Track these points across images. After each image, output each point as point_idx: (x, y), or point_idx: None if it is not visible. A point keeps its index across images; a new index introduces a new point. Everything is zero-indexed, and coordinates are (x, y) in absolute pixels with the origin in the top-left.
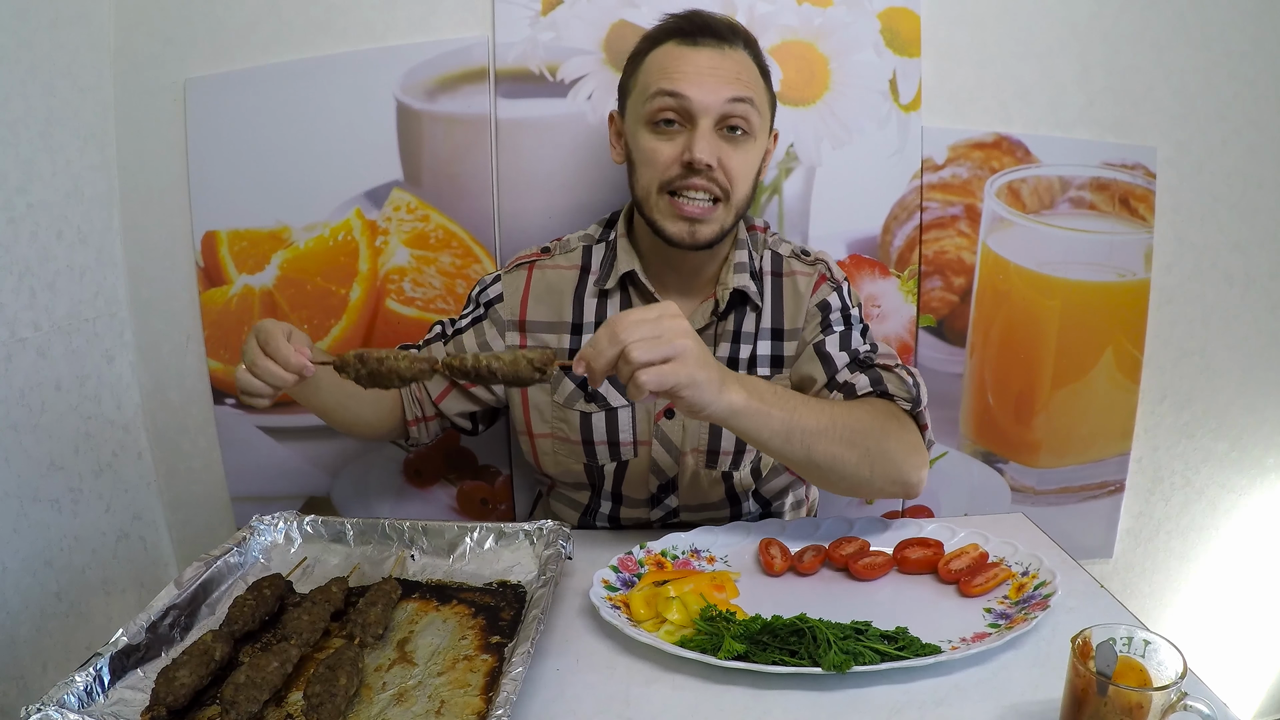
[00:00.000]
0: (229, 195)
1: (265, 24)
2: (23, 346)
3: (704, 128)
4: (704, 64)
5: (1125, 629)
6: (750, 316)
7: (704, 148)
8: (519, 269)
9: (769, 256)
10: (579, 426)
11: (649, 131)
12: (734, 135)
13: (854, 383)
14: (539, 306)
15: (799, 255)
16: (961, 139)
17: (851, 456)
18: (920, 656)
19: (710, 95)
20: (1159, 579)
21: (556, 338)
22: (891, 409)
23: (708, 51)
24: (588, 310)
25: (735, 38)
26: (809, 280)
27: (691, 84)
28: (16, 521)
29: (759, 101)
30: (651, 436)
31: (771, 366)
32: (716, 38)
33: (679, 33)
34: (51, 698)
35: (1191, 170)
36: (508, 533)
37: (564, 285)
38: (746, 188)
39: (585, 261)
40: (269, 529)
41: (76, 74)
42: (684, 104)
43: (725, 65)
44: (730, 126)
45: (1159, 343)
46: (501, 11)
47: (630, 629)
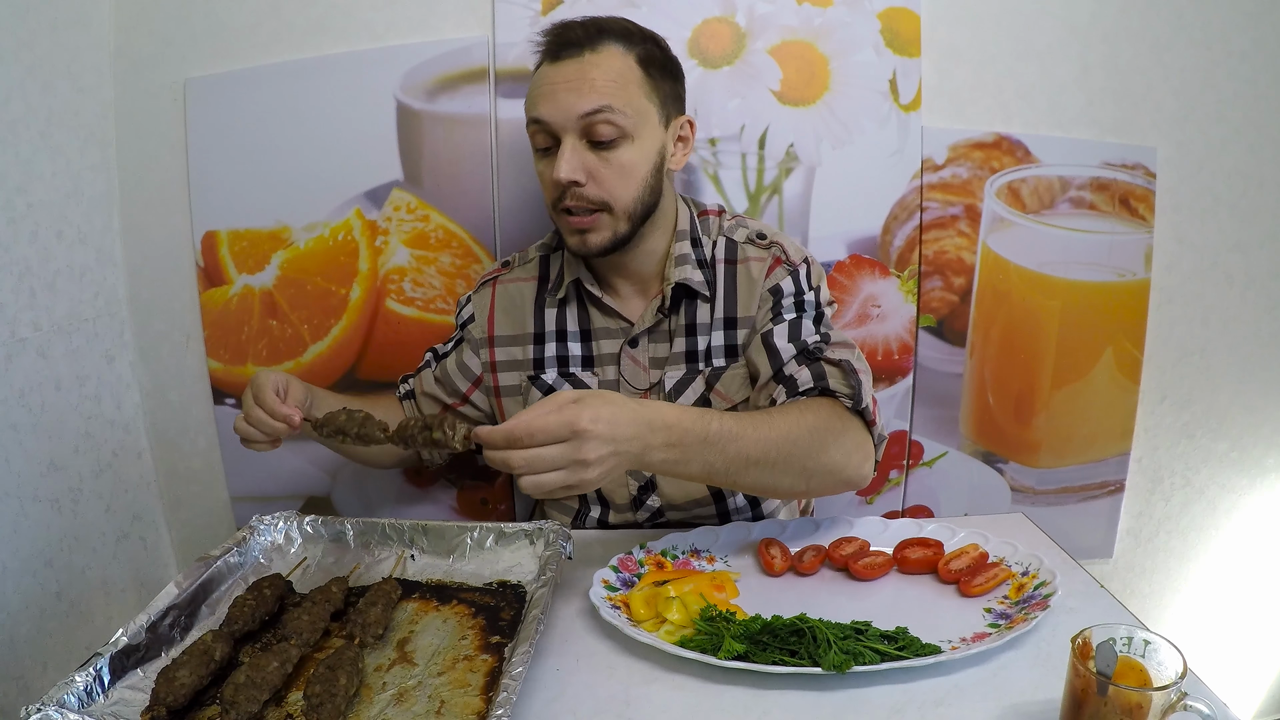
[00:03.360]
0: (229, 195)
1: (265, 24)
2: (23, 346)
3: (566, 146)
4: (559, 80)
5: (1125, 629)
6: (703, 308)
7: (565, 168)
8: (484, 287)
9: (723, 244)
10: None
11: (536, 158)
12: (603, 145)
13: (796, 377)
14: (504, 320)
15: (754, 240)
16: (961, 139)
17: (784, 480)
18: (920, 656)
19: (562, 113)
20: (1159, 579)
21: (522, 349)
22: (833, 408)
23: (567, 65)
24: (548, 320)
25: (601, 37)
26: (762, 265)
27: (547, 105)
28: (16, 521)
29: (629, 100)
30: None
31: (726, 356)
32: (576, 46)
33: (546, 52)
34: (51, 698)
35: (1191, 170)
36: (508, 533)
37: (524, 297)
38: (633, 190)
39: (543, 271)
40: (269, 529)
41: (76, 74)
42: (546, 126)
43: (584, 75)
44: (593, 140)
45: (1159, 343)
46: (501, 11)
47: (630, 629)
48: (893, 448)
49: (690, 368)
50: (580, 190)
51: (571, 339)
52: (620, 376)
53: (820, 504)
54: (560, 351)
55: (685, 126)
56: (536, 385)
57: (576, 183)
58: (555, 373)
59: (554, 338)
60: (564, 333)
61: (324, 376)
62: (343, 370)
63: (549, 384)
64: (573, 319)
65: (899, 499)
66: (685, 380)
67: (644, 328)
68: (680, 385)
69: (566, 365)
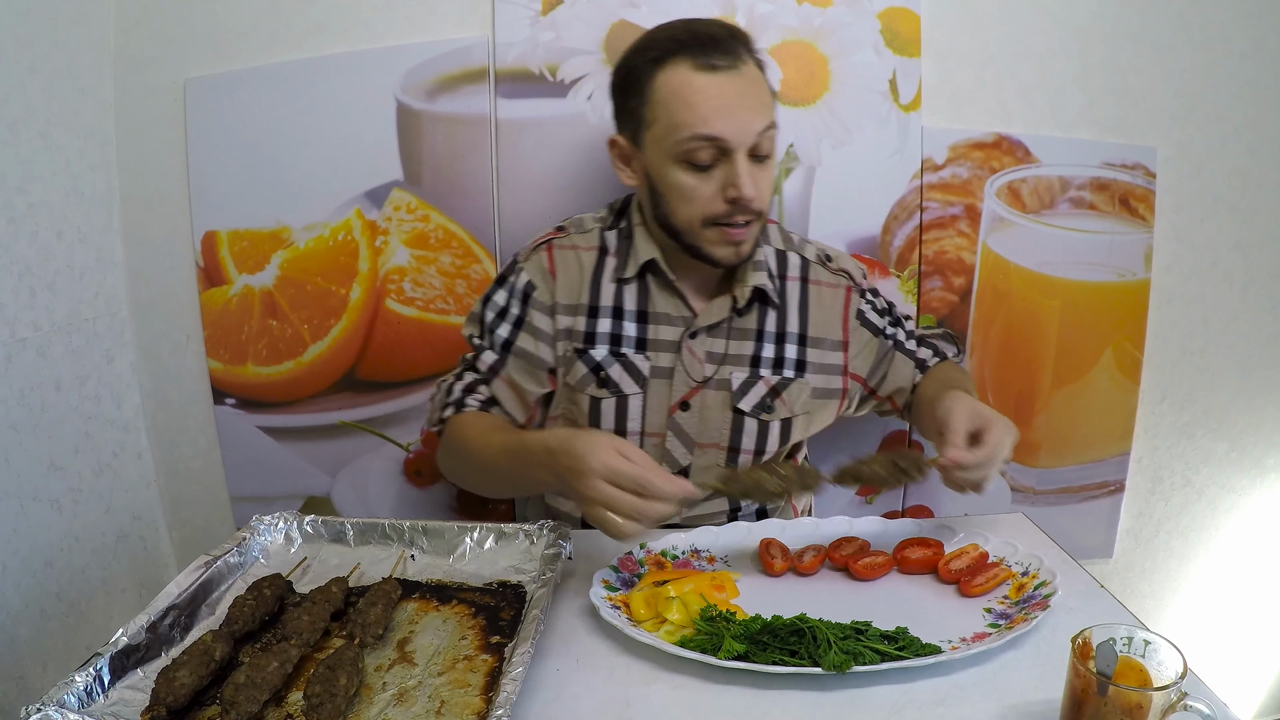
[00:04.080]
0: (229, 195)
1: (265, 24)
2: (23, 346)
3: (743, 164)
4: (731, 95)
5: (1125, 629)
6: (771, 316)
7: (748, 185)
8: (537, 251)
9: (797, 261)
10: (587, 412)
11: (681, 170)
12: (758, 159)
13: (927, 359)
14: (562, 286)
15: (822, 262)
16: (961, 139)
17: None
18: (920, 656)
19: (744, 133)
20: (1159, 579)
21: (573, 319)
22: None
23: (728, 78)
24: (604, 294)
25: (742, 49)
26: (835, 293)
27: (724, 123)
28: (16, 521)
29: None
30: (665, 429)
31: (796, 370)
32: (729, 55)
33: (688, 53)
34: (51, 698)
35: (1191, 170)
36: (508, 533)
37: (584, 265)
38: (769, 198)
39: (602, 243)
40: (269, 529)
41: (76, 74)
42: (721, 143)
43: (749, 91)
44: (757, 155)
45: (1159, 343)
46: (501, 11)
47: (630, 629)
48: (893, 448)
49: (753, 372)
50: (748, 203)
51: (628, 318)
52: (680, 365)
53: (820, 504)
54: (615, 329)
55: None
56: (583, 359)
57: (752, 197)
58: (606, 350)
59: (609, 313)
60: (620, 310)
61: (324, 376)
62: (343, 370)
63: (597, 360)
64: (632, 298)
65: (899, 499)
66: (749, 382)
67: (709, 322)
68: (745, 385)
69: (619, 344)
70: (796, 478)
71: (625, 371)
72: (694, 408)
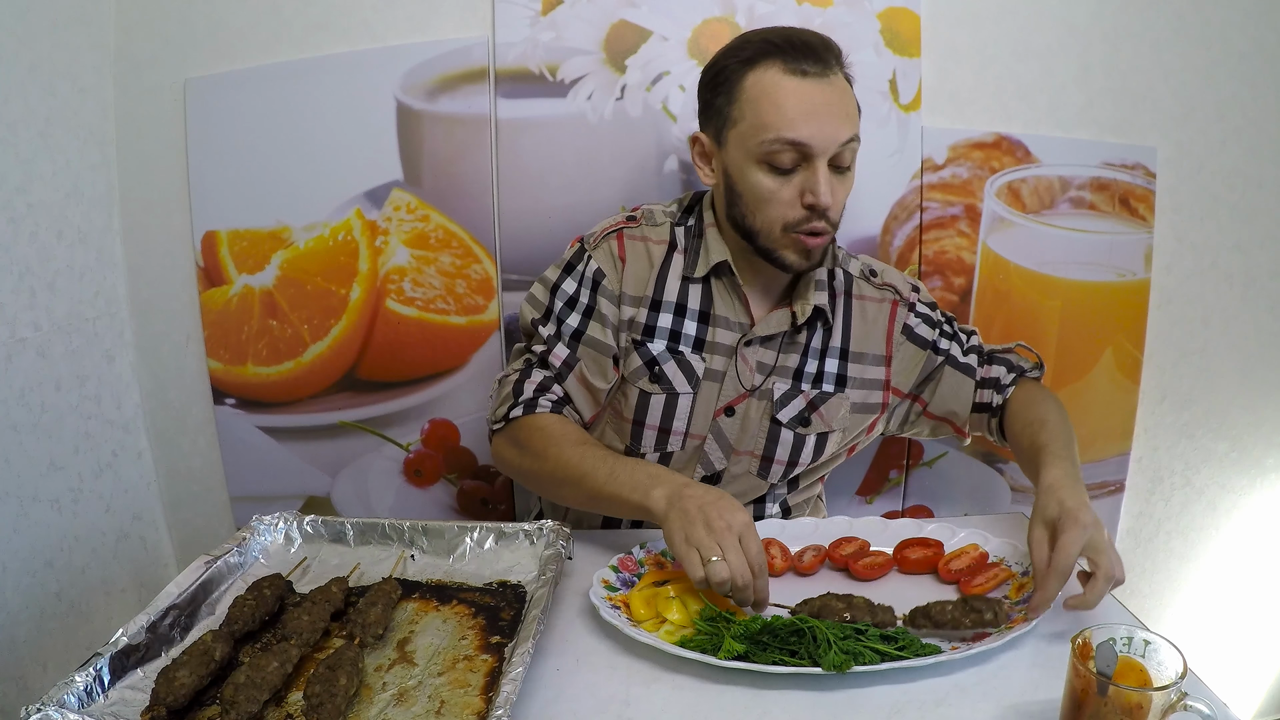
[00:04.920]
0: (229, 195)
1: (265, 24)
2: (23, 346)
3: (822, 170)
4: (820, 102)
5: (1125, 629)
6: (821, 333)
7: (827, 193)
8: (608, 239)
9: (841, 276)
10: (635, 405)
11: (762, 171)
12: (838, 169)
13: (1000, 377)
14: (630, 276)
15: (867, 277)
16: (961, 139)
17: None
18: (920, 656)
19: (829, 141)
20: (1159, 579)
21: (636, 310)
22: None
23: (817, 85)
24: (669, 290)
25: (834, 60)
26: (880, 307)
27: (810, 129)
28: (16, 521)
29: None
30: (707, 431)
31: (835, 384)
32: (820, 64)
33: (781, 57)
34: (51, 698)
35: (1191, 170)
36: (508, 533)
37: (653, 257)
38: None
39: (673, 238)
40: (269, 529)
41: (76, 74)
42: (805, 149)
43: (837, 101)
44: (838, 166)
45: (1159, 343)
46: (501, 11)
47: (630, 629)
48: (893, 448)
49: (794, 385)
50: (827, 212)
51: (690, 317)
52: (735, 370)
53: None
54: (675, 326)
55: None
56: (639, 352)
57: (829, 206)
58: (663, 345)
59: (671, 309)
60: (684, 308)
61: (324, 376)
62: (343, 370)
63: (653, 354)
64: (696, 298)
65: (899, 499)
66: (789, 394)
67: (765, 333)
68: (785, 398)
69: (676, 341)
70: (868, 612)
71: (679, 370)
72: (738, 414)
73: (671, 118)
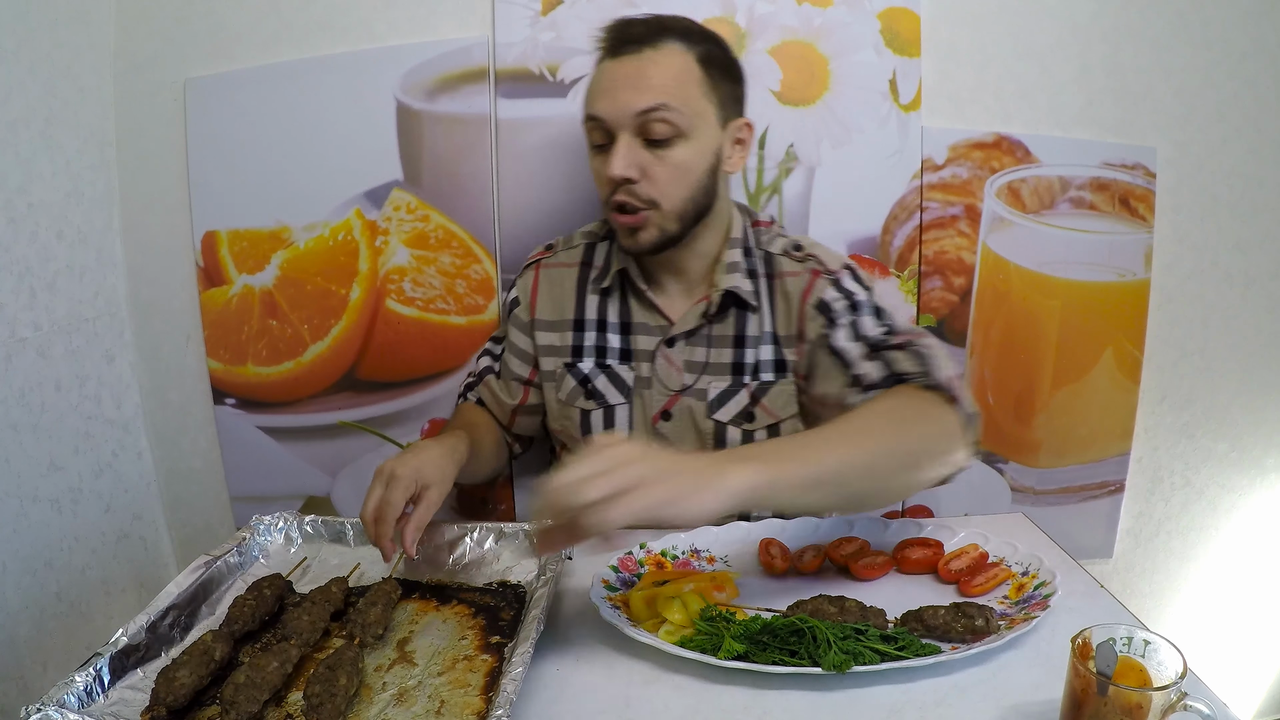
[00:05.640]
0: (229, 195)
1: (265, 24)
2: (23, 346)
3: (621, 143)
4: (618, 76)
5: (1125, 629)
6: (753, 320)
7: (619, 164)
8: (528, 270)
9: (761, 258)
10: (579, 424)
11: (591, 154)
12: (658, 143)
13: (868, 374)
14: (545, 304)
15: (790, 253)
16: (961, 139)
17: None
18: (920, 656)
19: (619, 110)
20: (1159, 579)
21: (560, 335)
22: (911, 395)
23: (627, 61)
24: (588, 307)
25: (662, 35)
26: (799, 281)
27: (603, 101)
28: (16, 521)
29: (687, 99)
30: (650, 437)
31: (775, 371)
32: (637, 43)
33: (607, 48)
34: (51, 698)
35: (1191, 170)
36: (508, 533)
37: (566, 281)
38: (685, 189)
39: (587, 257)
40: (269, 529)
41: (76, 74)
42: (603, 123)
43: (643, 72)
44: (649, 138)
45: (1159, 343)
46: (501, 11)
47: (630, 629)
48: None
49: (735, 380)
50: (632, 187)
51: (611, 330)
52: (654, 374)
53: None
54: (599, 342)
55: (744, 129)
56: (572, 373)
57: (629, 179)
58: (592, 362)
59: (594, 326)
60: (604, 323)
61: (324, 376)
62: (343, 370)
63: (584, 372)
64: (614, 310)
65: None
66: (729, 392)
67: (684, 329)
68: (724, 396)
69: (604, 356)
70: (859, 615)
71: (610, 382)
72: (675, 417)
73: None
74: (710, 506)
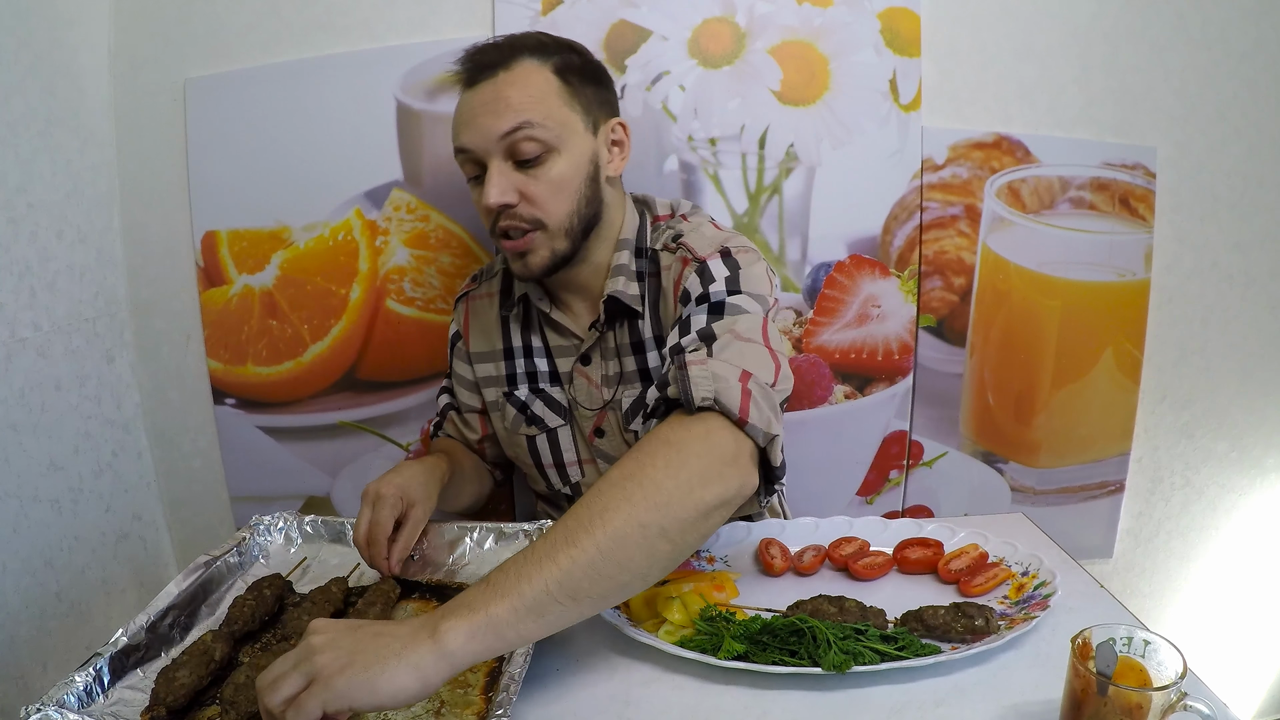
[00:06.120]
0: (229, 195)
1: (265, 24)
2: (23, 346)
3: (493, 170)
4: (476, 104)
5: (1125, 629)
6: (639, 324)
7: (494, 192)
8: (460, 303)
9: (650, 255)
10: (528, 450)
11: (470, 187)
12: (529, 163)
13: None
14: (477, 337)
15: (668, 245)
16: (961, 139)
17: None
18: (920, 656)
19: (482, 137)
20: (1159, 579)
21: (495, 365)
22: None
23: (484, 89)
24: (512, 335)
25: (514, 55)
26: (670, 274)
27: (467, 132)
28: (16, 521)
29: (549, 113)
30: (593, 455)
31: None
32: (490, 68)
33: (464, 81)
34: (51, 698)
35: (1191, 170)
36: (508, 533)
37: (490, 312)
38: (566, 204)
39: (505, 284)
40: (269, 529)
41: (76, 74)
42: (471, 154)
43: (499, 95)
44: (519, 160)
45: (1159, 343)
46: (501, 11)
47: (630, 629)
48: (893, 448)
49: (645, 387)
50: (514, 211)
51: (537, 355)
52: (572, 394)
53: (820, 504)
54: (529, 368)
55: (618, 129)
56: (510, 401)
57: (508, 205)
58: (527, 389)
59: (521, 354)
60: (529, 348)
61: (324, 376)
62: (343, 370)
63: (521, 399)
64: (535, 335)
65: (899, 499)
66: (638, 402)
67: (589, 345)
68: (636, 406)
69: (536, 381)
70: (859, 615)
71: (547, 406)
72: (607, 433)
73: (671, 117)
74: (415, 681)
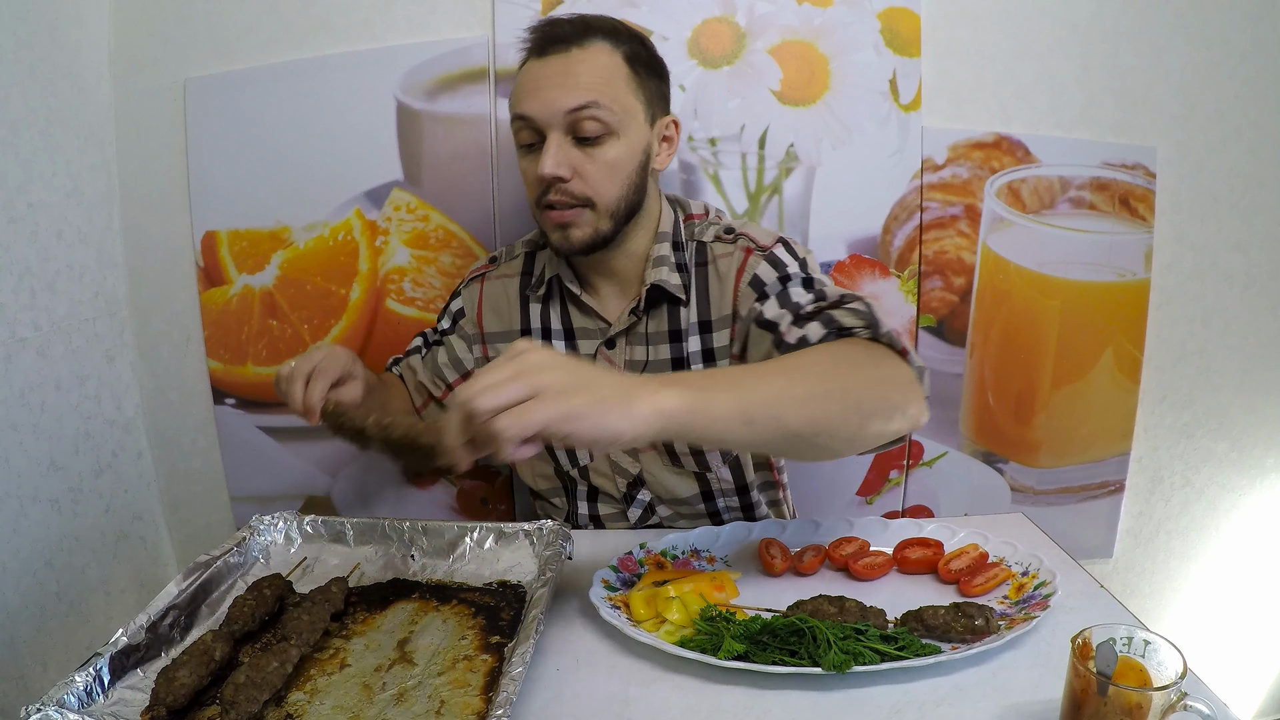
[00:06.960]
0: (229, 195)
1: (265, 24)
2: (23, 346)
3: (552, 141)
4: (545, 75)
5: (1125, 629)
6: (684, 313)
7: (550, 162)
8: (473, 282)
9: (694, 247)
10: None
11: (520, 155)
12: (588, 141)
13: (806, 334)
14: (492, 317)
15: (721, 237)
16: (961, 139)
17: (833, 408)
18: (920, 656)
19: (548, 109)
20: (1159, 579)
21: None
22: (857, 344)
23: (554, 61)
24: (533, 316)
25: (588, 34)
26: (731, 261)
27: (532, 101)
28: (16, 521)
29: (615, 97)
30: None
31: (704, 361)
32: (563, 42)
33: (532, 48)
34: (51, 698)
35: (1191, 170)
36: (508, 533)
37: (510, 292)
38: (617, 187)
39: (528, 266)
40: (269, 529)
41: (76, 74)
42: (532, 123)
43: (570, 71)
44: (579, 136)
45: (1159, 343)
46: (501, 11)
47: (630, 629)
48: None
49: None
50: (564, 186)
51: (555, 337)
52: None
53: (820, 504)
54: None
55: (670, 126)
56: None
57: (561, 178)
58: None
59: (540, 334)
60: (548, 330)
61: None
62: None
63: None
64: (555, 317)
65: (899, 499)
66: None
67: (620, 329)
68: None
69: None
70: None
71: None
72: None
73: None
74: (628, 425)
